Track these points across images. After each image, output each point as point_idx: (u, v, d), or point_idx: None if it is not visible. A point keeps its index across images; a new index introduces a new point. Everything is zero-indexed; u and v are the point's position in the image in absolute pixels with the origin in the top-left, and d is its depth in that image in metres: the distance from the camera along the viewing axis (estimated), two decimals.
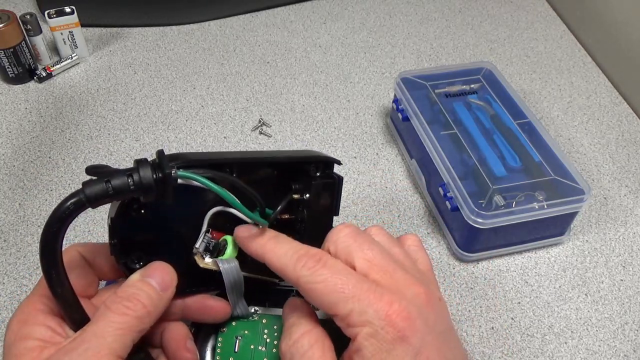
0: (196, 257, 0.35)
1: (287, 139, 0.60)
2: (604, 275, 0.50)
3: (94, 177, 0.29)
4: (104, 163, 0.56)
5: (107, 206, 0.33)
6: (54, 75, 0.65)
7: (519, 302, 0.48)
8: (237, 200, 0.33)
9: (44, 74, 0.64)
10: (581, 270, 0.50)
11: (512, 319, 0.47)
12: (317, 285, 0.29)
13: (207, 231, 0.35)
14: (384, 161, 0.58)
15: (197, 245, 0.34)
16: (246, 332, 0.37)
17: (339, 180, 0.38)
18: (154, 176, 0.29)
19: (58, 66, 0.65)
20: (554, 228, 0.50)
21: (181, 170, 0.30)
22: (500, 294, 0.48)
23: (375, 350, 0.28)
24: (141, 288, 0.30)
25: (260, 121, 0.61)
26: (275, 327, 0.38)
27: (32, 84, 0.64)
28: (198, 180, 0.31)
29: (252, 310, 0.38)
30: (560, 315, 0.47)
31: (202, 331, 0.38)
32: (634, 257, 0.51)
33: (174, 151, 0.57)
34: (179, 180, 0.30)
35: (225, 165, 0.34)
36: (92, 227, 0.50)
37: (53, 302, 0.30)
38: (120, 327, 0.28)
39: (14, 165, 0.55)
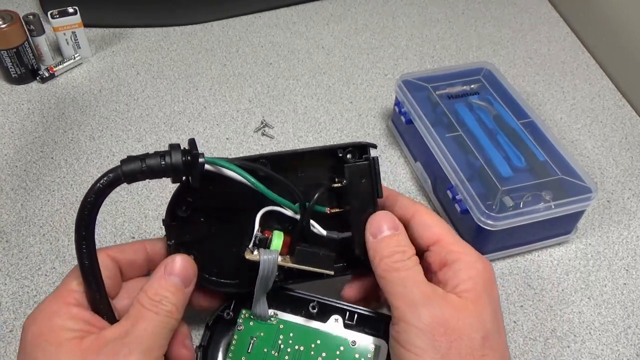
0: (246, 253, 0.36)
1: (289, 140, 0.60)
2: (607, 279, 0.50)
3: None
4: (107, 164, 0.56)
5: (110, 210, 0.33)
6: (57, 76, 0.65)
7: (522, 306, 0.47)
8: (266, 188, 0.34)
9: (47, 75, 0.64)
10: (584, 273, 0.50)
11: (515, 322, 0.46)
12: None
13: (258, 230, 0.36)
14: (387, 163, 0.58)
15: (250, 246, 0.36)
16: (262, 334, 0.37)
17: (374, 161, 0.37)
18: (183, 159, 0.32)
19: (61, 66, 0.64)
20: (560, 227, 0.50)
21: (209, 156, 0.33)
22: (503, 297, 0.48)
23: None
24: (168, 289, 0.33)
25: (262, 122, 0.61)
26: (291, 334, 0.37)
27: (34, 85, 0.64)
28: (224, 165, 0.33)
29: (272, 314, 0.38)
30: (563, 319, 0.47)
31: (219, 325, 0.39)
32: (637, 261, 0.51)
33: None
34: (207, 166, 0.33)
35: (258, 160, 0.36)
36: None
37: (81, 296, 0.32)
38: (158, 325, 0.32)
39: (16, 166, 0.55)
